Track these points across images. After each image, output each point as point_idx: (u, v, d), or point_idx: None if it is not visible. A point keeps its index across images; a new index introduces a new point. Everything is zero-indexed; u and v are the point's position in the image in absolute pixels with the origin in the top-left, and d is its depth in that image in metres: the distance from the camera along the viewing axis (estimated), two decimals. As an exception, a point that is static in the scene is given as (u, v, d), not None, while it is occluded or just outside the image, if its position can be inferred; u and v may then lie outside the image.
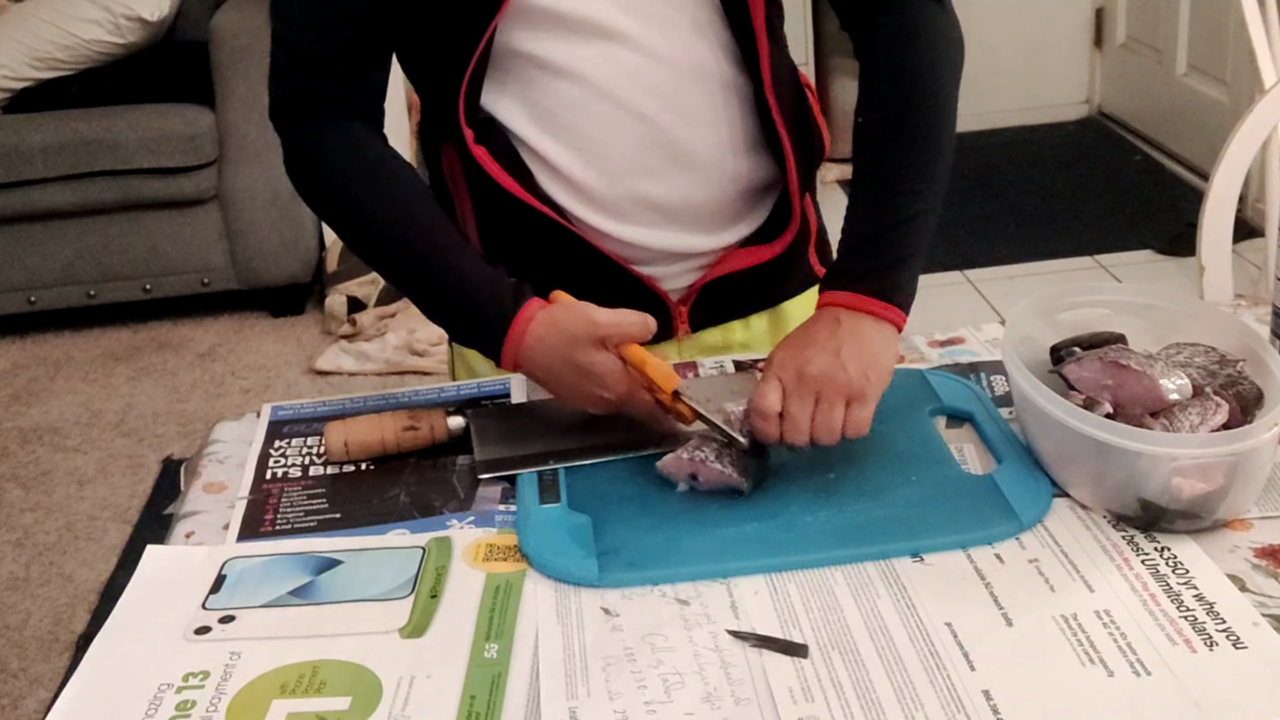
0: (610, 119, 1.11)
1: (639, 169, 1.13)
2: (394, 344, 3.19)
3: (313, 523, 1.00)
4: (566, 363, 1.03)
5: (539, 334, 1.03)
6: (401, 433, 1.06)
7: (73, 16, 3.31)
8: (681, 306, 1.22)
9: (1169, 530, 0.92)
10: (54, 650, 2.29)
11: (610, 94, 1.10)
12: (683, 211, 1.16)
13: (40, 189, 3.24)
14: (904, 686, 0.79)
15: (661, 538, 0.94)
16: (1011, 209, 3.81)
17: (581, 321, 1.02)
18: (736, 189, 1.17)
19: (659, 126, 1.12)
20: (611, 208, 1.14)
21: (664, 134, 1.12)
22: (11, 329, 3.45)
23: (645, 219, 1.15)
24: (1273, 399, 0.94)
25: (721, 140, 1.14)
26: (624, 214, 1.15)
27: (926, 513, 0.95)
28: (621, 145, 1.12)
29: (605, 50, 1.09)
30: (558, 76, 1.10)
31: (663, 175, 1.14)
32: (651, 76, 1.10)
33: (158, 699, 0.82)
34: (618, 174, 1.13)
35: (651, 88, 1.11)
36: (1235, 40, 3.52)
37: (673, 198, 1.15)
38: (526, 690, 0.81)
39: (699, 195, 1.16)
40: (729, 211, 1.19)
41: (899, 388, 1.11)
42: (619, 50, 1.09)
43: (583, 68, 1.09)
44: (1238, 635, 0.82)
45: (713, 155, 1.14)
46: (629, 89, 1.10)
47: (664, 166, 1.13)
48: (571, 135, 1.12)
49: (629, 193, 1.14)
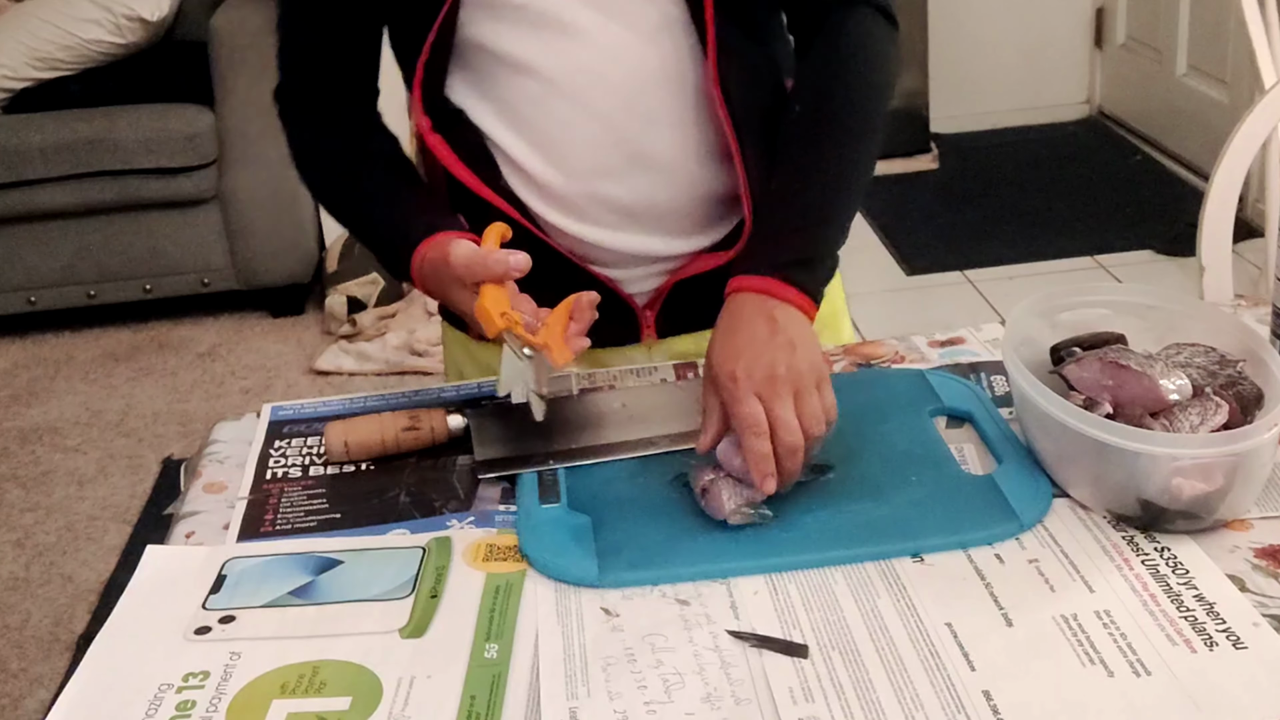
0: (569, 117, 1.11)
1: (598, 169, 1.12)
2: (394, 344, 3.19)
3: (313, 523, 1.00)
4: (444, 299, 1.09)
5: (424, 273, 1.10)
6: (401, 433, 1.06)
7: (73, 16, 3.31)
8: (648, 311, 1.21)
9: (1169, 530, 0.92)
10: (54, 650, 2.29)
11: (569, 92, 1.10)
12: (643, 213, 1.15)
13: (40, 189, 3.24)
14: (904, 687, 0.79)
15: (661, 538, 0.94)
16: (1011, 209, 3.81)
17: (441, 261, 1.06)
18: (699, 194, 1.16)
19: (617, 127, 1.11)
20: (572, 206, 1.14)
21: (623, 135, 1.11)
22: (11, 329, 3.45)
23: (606, 219, 1.15)
24: (1273, 399, 0.94)
25: (682, 144, 1.13)
26: (585, 213, 1.15)
27: (926, 513, 0.95)
28: (580, 144, 1.11)
29: (565, 47, 1.09)
30: (518, 72, 1.10)
31: (622, 176, 1.13)
32: (611, 75, 1.10)
33: (158, 699, 0.82)
34: (577, 172, 1.13)
35: (611, 87, 1.10)
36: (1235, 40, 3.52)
37: (633, 199, 1.14)
38: (526, 690, 0.81)
39: (660, 197, 1.15)
40: (692, 216, 1.17)
41: (899, 388, 1.11)
42: (579, 48, 1.09)
43: (542, 63, 1.09)
44: (1238, 635, 0.82)
45: (673, 159, 1.13)
46: (588, 87, 1.10)
47: (623, 167, 1.12)
48: (532, 131, 1.12)
49: (589, 191, 1.13)
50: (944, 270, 3.44)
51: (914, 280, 3.43)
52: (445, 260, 1.04)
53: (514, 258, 1.01)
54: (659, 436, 1.06)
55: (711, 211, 1.18)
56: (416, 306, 3.34)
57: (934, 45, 4.10)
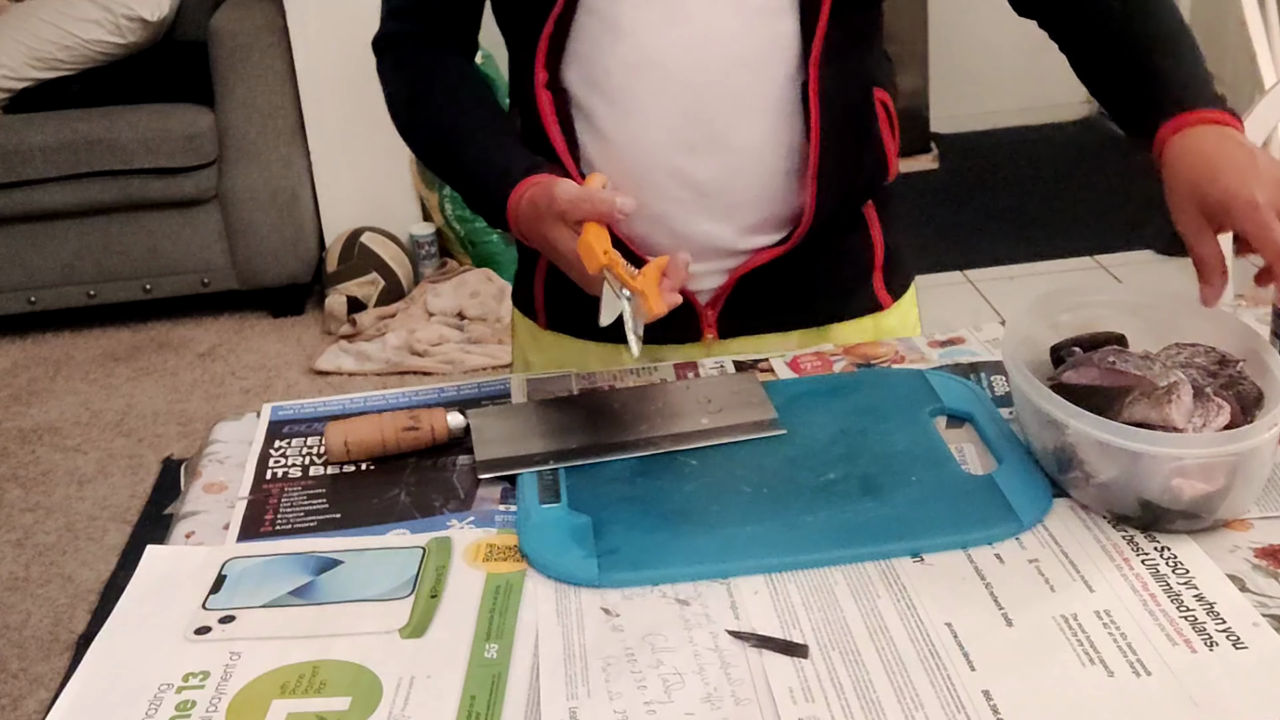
0: (660, 88, 1.12)
1: (679, 144, 1.14)
2: (394, 344, 3.19)
3: (313, 523, 1.00)
4: (539, 239, 1.08)
5: (522, 211, 1.09)
6: (401, 433, 1.06)
7: (73, 16, 3.32)
8: (709, 310, 1.22)
9: (1169, 530, 0.92)
10: (54, 650, 2.29)
11: (664, 63, 1.12)
12: (715, 196, 1.16)
13: (40, 189, 3.24)
14: (904, 686, 0.79)
15: (661, 538, 0.94)
16: (1011, 209, 3.81)
17: (544, 196, 1.05)
18: (771, 184, 1.17)
19: (705, 105, 1.13)
20: (647, 181, 1.15)
21: (708, 113, 1.13)
22: (11, 329, 3.45)
23: (678, 196, 1.16)
24: (1273, 399, 0.94)
25: (763, 131, 1.15)
26: (659, 189, 1.15)
27: (926, 513, 0.95)
28: (666, 116, 1.13)
29: (670, 19, 1.11)
30: (620, 38, 1.12)
31: (701, 154, 1.14)
32: (708, 53, 1.12)
33: (158, 699, 0.82)
34: (658, 145, 1.14)
35: (705, 65, 1.12)
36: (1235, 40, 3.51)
37: (708, 178, 1.15)
38: (526, 690, 0.81)
39: (733, 182, 1.16)
40: (761, 206, 1.18)
41: (899, 388, 1.11)
42: (683, 21, 1.11)
43: (645, 32, 1.11)
44: (1238, 635, 0.82)
45: (752, 144, 1.15)
46: (684, 62, 1.12)
47: (703, 145, 1.14)
48: (622, 97, 1.13)
49: (667, 165, 1.14)
50: (944, 270, 3.44)
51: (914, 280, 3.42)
52: (550, 196, 1.04)
53: (620, 198, 1.02)
54: (659, 436, 1.06)
55: (779, 205, 1.19)
56: (417, 306, 3.34)
57: (934, 45, 4.10)
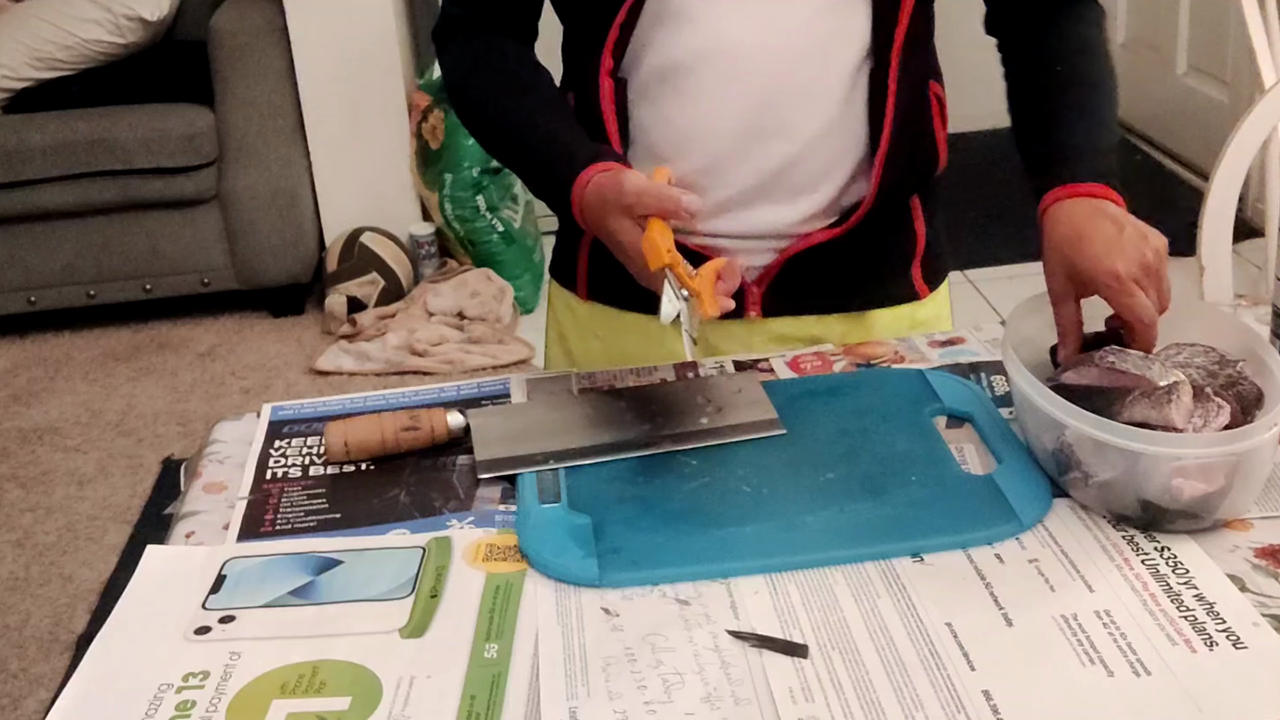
0: (729, 75, 1.13)
1: (744, 130, 1.15)
2: (394, 344, 3.19)
3: (313, 523, 1.00)
4: (601, 228, 1.08)
5: (587, 198, 1.08)
6: (401, 433, 1.06)
7: (73, 16, 3.31)
8: (755, 287, 1.23)
9: (1169, 530, 0.92)
10: (54, 650, 2.29)
11: (734, 50, 1.13)
12: (774, 182, 1.17)
13: (40, 189, 3.24)
14: (904, 686, 0.79)
15: (661, 538, 0.94)
16: (1011, 209, 3.81)
17: (613, 187, 1.05)
18: (832, 171, 1.19)
19: (772, 91, 1.14)
20: (709, 164, 1.16)
21: (775, 100, 1.14)
22: (11, 329, 3.45)
23: (740, 182, 1.17)
24: (1273, 399, 0.94)
25: (828, 120, 1.16)
26: (721, 175, 1.16)
27: (926, 513, 0.95)
28: (732, 102, 1.14)
29: (739, 6, 1.12)
30: (692, 28, 1.13)
31: (765, 141, 1.15)
32: (779, 41, 1.13)
33: (158, 699, 0.82)
34: (722, 132, 1.15)
35: (776, 52, 1.13)
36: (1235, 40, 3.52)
37: (770, 165, 1.16)
38: (526, 690, 0.81)
39: (794, 169, 1.17)
40: (820, 193, 1.20)
41: (899, 388, 1.11)
42: (755, 9, 1.12)
43: (717, 20, 1.12)
44: (1238, 635, 0.82)
45: (817, 132, 1.16)
46: (754, 49, 1.13)
47: (768, 132, 1.15)
48: (689, 84, 1.14)
49: (729, 150, 1.15)
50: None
51: (914, 280, 3.42)
52: (618, 187, 1.04)
53: (688, 197, 1.02)
54: (659, 436, 1.06)
55: (838, 191, 1.20)
56: (417, 306, 3.34)
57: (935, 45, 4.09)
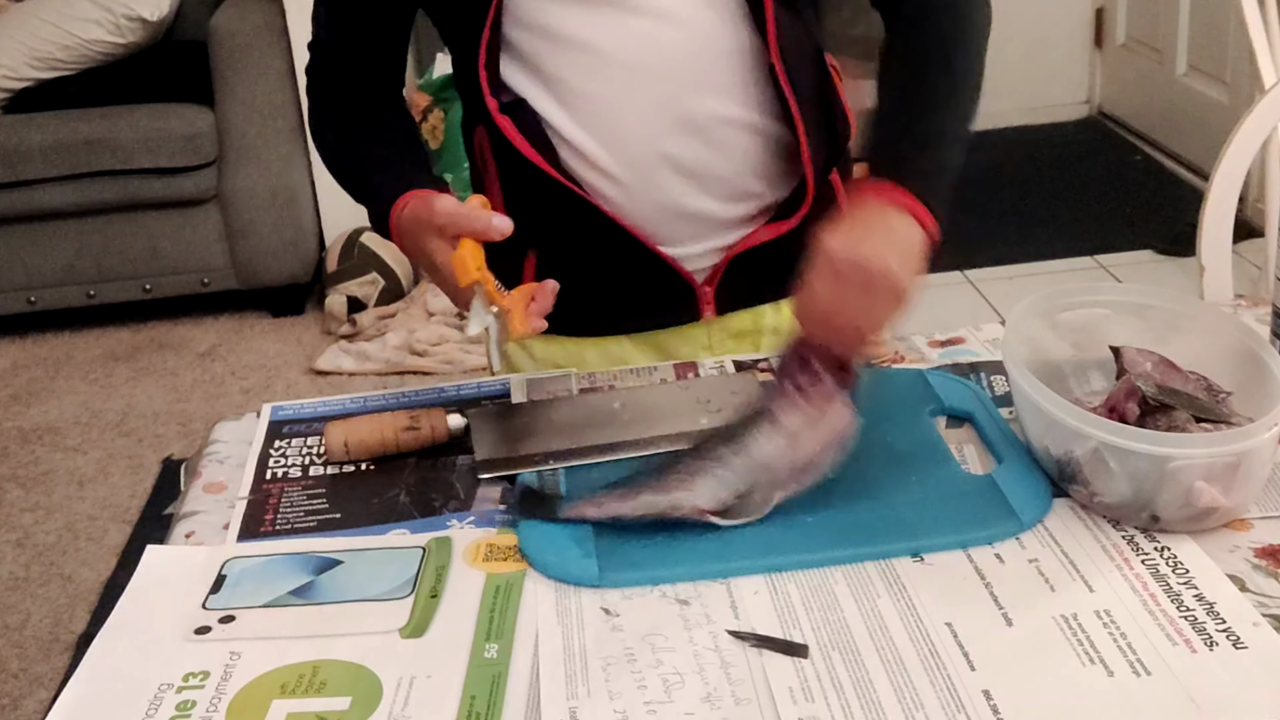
0: (624, 85, 1.13)
1: (654, 133, 1.14)
2: (394, 344, 3.19)
3: (313, 523, 1.00)
4: (418, 249, 1.10)
5: (403, 222, 1.12)
6: (401, 433, 1.06)
7: (73, 16, 3.31)
8: (707, 288, 1.23)
9: (1169, 530, 0.92)
10: (54, 650, 2.29)
11: (623, 61, 1.12)
12: (702, 174, 1.17)
13: (40, 189, 3.24)
14: (904, 686, 0.79)
15: (661, 538, 0.94)
16: (1011, 209, 3.81)
17: (424, 209, 1.07)
18: (753, 157, 1.18)
19: (672, 92, 1.13)
20: (630, 177, 1.16)
21: (677, 100, 1.14)
22: (11, 329, 3.45)
23: (665, 183, 1.16)
24: (1273, 399, 0.94)
25: (735, 106, 1.16)
26: (644, 179, 1.16)
27: (926, 513, 0.95)
28: (635, 111, 1.14)
29: (614, 17, 1.11)
30: (570, 48, 1.12)
31: (678, 138, 1.15)
32: (665, 42, 1.12)
33: (158, 699, 0.82)
34: (633, 140, 1.14)
35: (665, 53, 1.12)
36: (1235, 40, 3.52)
37: (689, 159, 1.16)
38: (526, 690, 0.81)
39: (716, 160, 1.17)
40: (748, 180, 1.19)
41: (899, 388, 1.11)
42: (631, 17, 1.11)
43: (595, 36, 1.12)
44: (1238, 635, 0.82)
45: (726, 120, 1.16)
46: (642, 55, 1.12)
47: (678, 129, 1.15)
48: (586, 105, 1.14)
49: (646, 157, 1.15)
50: (944, 270, 3.44)
51: (914, 280, 3.42)
52: (429, 208, 1.06)
53: (496, 218, 1.03)
54: (659, 436, 1.06)
55: (765, 175, 1.20)
56: (417, 306, 3.34)
57: (934, 45, 4.10)
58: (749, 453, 0.95)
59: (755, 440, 0.95)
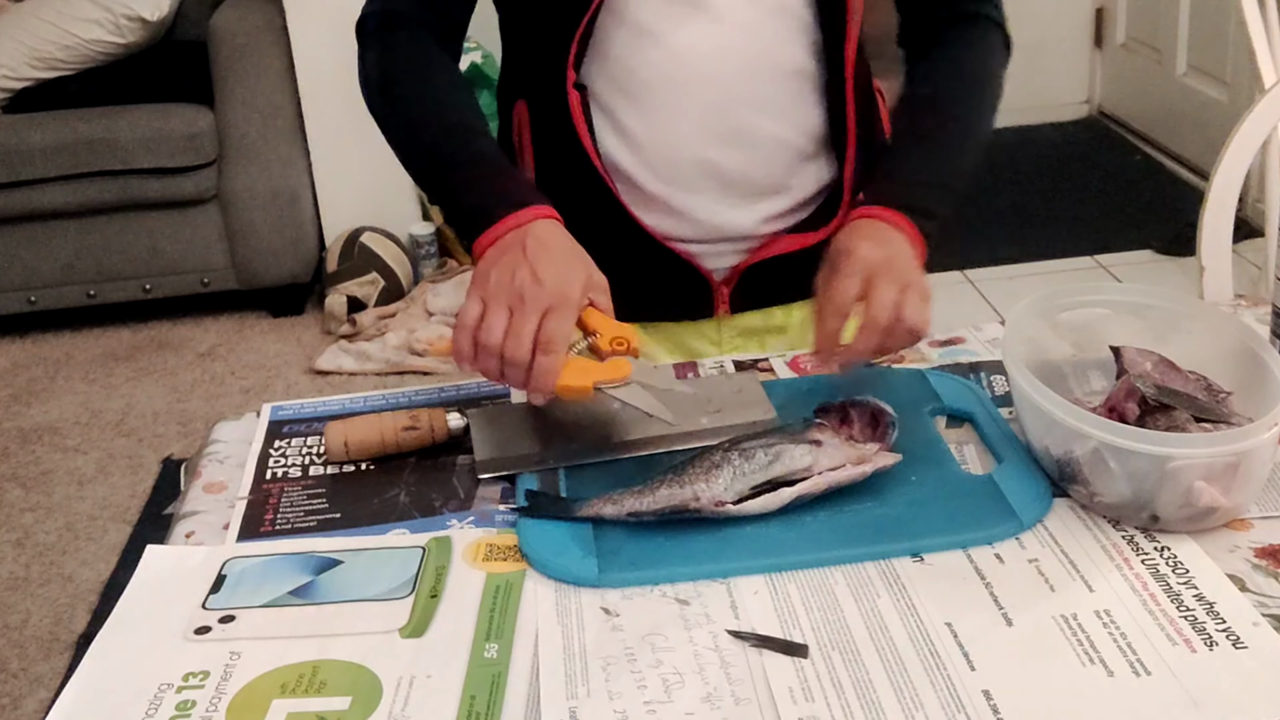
0: (688, 86, 1.16)
1: (705, 138, 1.17)
2: (394, 344, 3.19)
3: (313, 523, 1.00)
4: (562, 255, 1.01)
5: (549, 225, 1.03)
6: (401, 433, 1.06)
7: (73, 16, 3.31)
8: (724, 287, 1.26)
9: (1169, 530, 0.92)
10: (54, 650, 2.29)
11: (693, 62, 1.15)
12: (740, 185, 1.20)
13: (40, 189, 3.24)
14: (904, 686, 0.79)
15: (661, 538, 0.94)
16: (1011, 209, 3.81)
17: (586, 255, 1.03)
18: (791, 174, 1.22)
19: (732, 99, 1.16)
20: (671, 175, 1.19)
21: (734, 108, 1.17)
22: (11, 329, 3.45)
23: (704, 187, 1.20)
24: (1273, 399, 0.94)
25: (788, 123, 1.19)
26: (682, 180, 1.19)
27: (926, 513, 0.95)
28: (694, 112, 1.17)
29: (696, 20, 1.15)
30: (646, 40, 1.15)
31: (727, 147, 1.18)
32: (735, 51, 1.15)
33: (158, 699, 0.82)
34: (682, 140, 1.18)
35: (732, 62, 1.16)
36: (1235, 40, 3.52)
37: (734, 170, 1.19)
38: (526, 690, 0.81)
39: (759, 173, 1.20)
40: (786, 195, 1.23)
41: (899, 388, 1.11)
42: (708, 22, 1.15)
43: (672, 34, 1.15)
44: (1238, 635, 0.82)
45: (777, 136, 1.19)
46: (711, 60, 1.15)
47: (730, 138, 1.18)
48: (648, 96, 1.17)
49: (690, 159, 1.18)
50: (944, 270, 3.44)
51: (914, 280, 3.42)
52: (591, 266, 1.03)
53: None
54: (659, 437, 1.06)
55: (801, 191, 1.24)
56: (417, 306, 3.34)
57: (934, 45, 4.10)
58: (778, 455, 0.95)
59: (788, 449, 0.96)
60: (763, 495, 0.94)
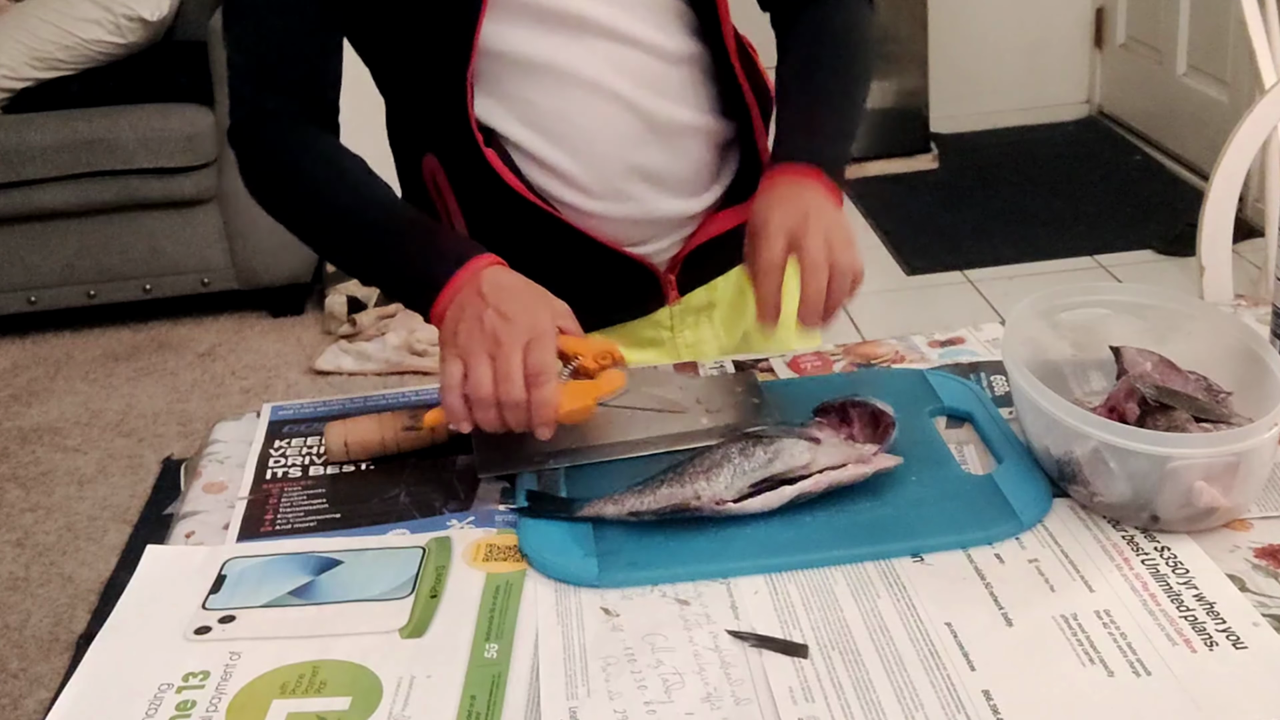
0: (592, 104, 1.16)
1: (623, 146, 1.18)
2: (394, 344, 3.19)
3: (313, 523, 1.00)
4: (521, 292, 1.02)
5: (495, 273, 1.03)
6: (401, 433, 1.06)
7: (73, 16, 3.32)
8: (670, 275, 1.27)
9: (1169, 530, 0.92)
10: (54, 650, 2.29)
11: (590, 81, 1.15)
12: (668, 178, 1.21)
13: (40, 189, 3.24)
14: (904, 686, 0.79)
15: (661, 538, 0.94)
16: (1011, 209, 3.81)
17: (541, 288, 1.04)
18: (712, 152, 1.24)
19: (636, 103, 1.17)
20: (602, 190, 1.19)
21: (643, 111, 1.17)
22: (11, 329, 3.45)
23: (635, 191, 1.20)
24: (1273, 399, 0.94)
25: (695, 110, 1.21)
26: (616, 192, 1.19)
27: (926, 513, 0.95)
28: (604, 128, 1.17)
29: (583, 40, 1.14)
30: (538, 72, 1.14)
31: (646, 148, 1.19)
32: (627, 60, 1.16)
33: (158, 699, 0.82)
34: (604, 156, 1.18)
35: (628, 70, 1.16)
36: (1235, 40, 3.52)
37: (657, 165, 1.20)
38: (526, 690, 0.81)
39: (680, 162, 1.21)
40: (707, 173, 1.25)
41: (899, 388, 1.11)
42: (593, 38, 1.15)
43: (562, 59, 1.14)
44: (1238, 635, 0.82)
45: (689, 124, 1.21)
46: (607, 74, 1.15)
47: (646, 140, 1.18)
48: (556, 125, 1.16)
49: (617, 168, 1.18)
50: (944, 270, 3.44)
51: (914, 280, 3.43)
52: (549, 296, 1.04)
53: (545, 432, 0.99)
54: (659, 436, 1.06)
55: (719, 164, 1.26)
56: (416, 306, 3.34)
57: (934, 45, 4.10)
58: (778, 453, 0.95)
59: (787, 446, 0.96)
60: (763, 493, 0.94)
